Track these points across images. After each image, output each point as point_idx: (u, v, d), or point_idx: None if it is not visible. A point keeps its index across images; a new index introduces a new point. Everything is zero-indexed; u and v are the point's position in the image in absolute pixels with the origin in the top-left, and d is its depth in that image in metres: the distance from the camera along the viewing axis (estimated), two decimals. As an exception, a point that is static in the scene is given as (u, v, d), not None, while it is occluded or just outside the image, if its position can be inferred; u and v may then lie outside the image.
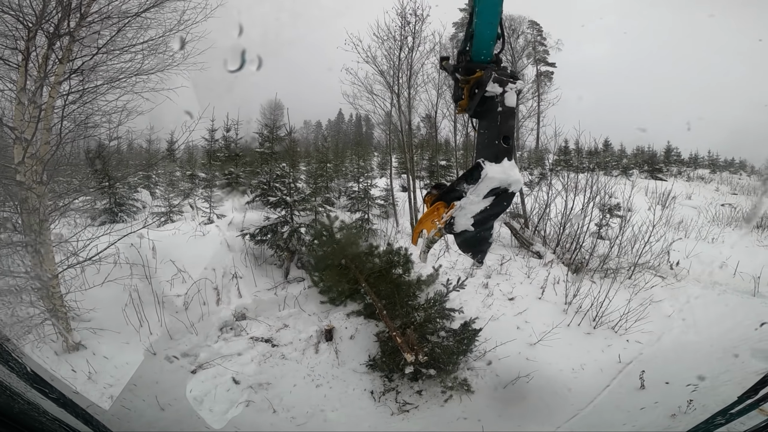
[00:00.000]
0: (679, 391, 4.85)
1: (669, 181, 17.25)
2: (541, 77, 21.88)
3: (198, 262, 6.85)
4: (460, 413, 5.16)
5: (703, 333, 6.16)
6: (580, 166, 13.37)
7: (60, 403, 2.10)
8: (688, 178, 19.82)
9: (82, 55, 5.20)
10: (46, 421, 1.92)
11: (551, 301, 7.24)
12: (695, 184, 18.30)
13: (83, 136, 5.38)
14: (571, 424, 4.85)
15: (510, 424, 4.99)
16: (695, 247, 9.30)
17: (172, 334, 5.93)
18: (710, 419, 2.31)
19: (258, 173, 8.81)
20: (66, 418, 2.06)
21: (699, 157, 21.68)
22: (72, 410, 2.16)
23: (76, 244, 5.42)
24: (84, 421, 2.24)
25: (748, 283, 7.59)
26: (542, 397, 5.28)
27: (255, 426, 4.92)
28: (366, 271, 6.38)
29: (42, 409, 1.93)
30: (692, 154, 21.67)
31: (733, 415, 2.15)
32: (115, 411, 4.41)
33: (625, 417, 4.74)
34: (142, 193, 11.94)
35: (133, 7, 5.33)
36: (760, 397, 2.05)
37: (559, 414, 4.98)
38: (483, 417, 5.06)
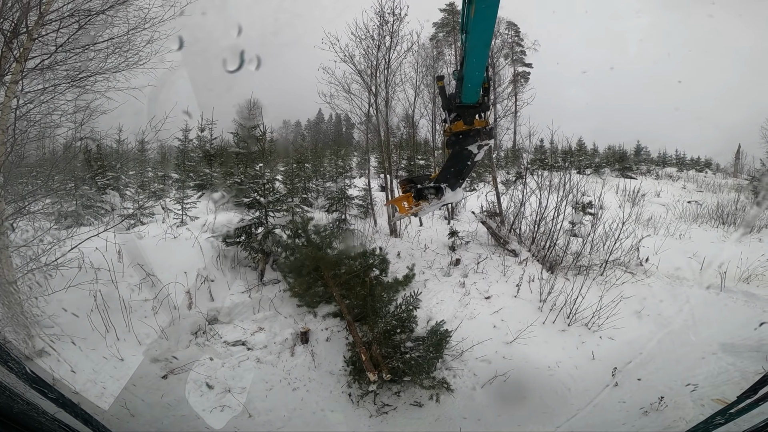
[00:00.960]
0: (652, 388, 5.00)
1: (638, 179, 17.78)
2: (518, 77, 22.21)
3: (168, 266, 6.64)
4: (439, 413, 5.17)
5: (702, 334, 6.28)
6: (554, 165, 13.62)
7: (59, 403, 2.13)
8: (656, 176, 20.47)
9: (42, 53, 4.97)
10: (46, 421, 1.94)
11: (527, 299, 7.33)
12: (663, 182, 18.92)
13: (42, 136, 5.14)
14: (570, 423, 4.93)
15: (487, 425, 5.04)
16: (663, 243, 9.58)
17: (141, 339, 5.73)
18: (709, 419, 2.34)
19: (233, 174, 8.62)
20: (65, 418, 2.09)
21: (667, 156, 22.40)
22: (71, 410, 2.19)
23: (36, 248, 5.18)
24: (83, 421, 2.26)
25: (714, 278, 7.86)
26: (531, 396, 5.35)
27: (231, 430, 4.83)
28: (341, 276, 6.26)
29: (41, 409, 1.97)
30: (660, 153, 22.40)
31: (732, 414, 2.17)
32: (114, 411, 4.42)
33: (625, 416, 4.82)
34: (110, 195, 11.52)
35: (96, 5, 5.13)
36: (760, 397, 2.07)
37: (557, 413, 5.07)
38: (462, 417, 5.09)
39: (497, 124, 12.90)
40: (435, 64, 13.11)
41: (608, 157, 21.49)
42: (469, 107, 4.23)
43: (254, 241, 7.41)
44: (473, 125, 4.24)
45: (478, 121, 4.30)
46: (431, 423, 5.10)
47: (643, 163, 21.97)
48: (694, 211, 13.26)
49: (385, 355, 5.36)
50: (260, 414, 5.09)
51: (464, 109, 4.26)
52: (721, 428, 2.21)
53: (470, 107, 4.24)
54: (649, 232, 10.58)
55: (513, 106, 15.61)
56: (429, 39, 15.17)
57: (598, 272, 8.17)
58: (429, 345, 5.41)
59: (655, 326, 6.63)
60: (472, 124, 4.25)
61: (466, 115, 4.25)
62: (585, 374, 5.81)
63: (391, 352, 5.42)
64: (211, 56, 7.33)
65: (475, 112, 4.31)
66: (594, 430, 4.81)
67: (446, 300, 7.25)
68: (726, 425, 2.19)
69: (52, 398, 2.11)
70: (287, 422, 5.04)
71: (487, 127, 4.32)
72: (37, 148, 6.32)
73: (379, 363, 5.18)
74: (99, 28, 5.11)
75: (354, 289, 6.14)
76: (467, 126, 4.18)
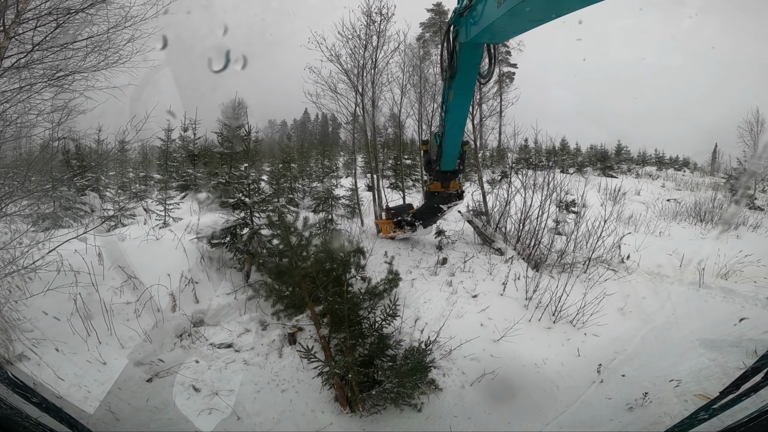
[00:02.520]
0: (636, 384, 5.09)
1: (619, 178, 18.15)
2: (503, 77, 22.47)
3: (150, 268, 6.50)
4: (430, 412, 5.18)
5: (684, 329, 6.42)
6: (538, 164, 13.79)
7: (42, 407, 2.10)
8: (637, 175, 20.94)
9: (18, 52, 4.81)
10: (30, 425, 1.91)
11: (513, 297, 7.41)
12: (643, 181, 19.36)
13: (18, 136, 4.98)
14: (559, 421, 4.97)
15: (476, 423, 5.07)
16: (644, 240, 9.79)
17: (123, 342, 5.61)
18: (694, 414, 2.35)
19: (217, 174, 8.49)
20: (50, 423, 2.06)
21: (647, 155, 22.96)
22: (56, 414, 2.15)
23: (13, 251, 5.03)
24: (68, 426, 2.23)
25: (693, 274, 8.07)
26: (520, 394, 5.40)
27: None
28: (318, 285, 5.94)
29: (24, 413, 1.93)
30: (640, 152, 22.95)
31: (716, 410, 2.19)
32: (100, 415, 4.34)
33: (612, 413, 4.88)
34: (89, 196, 11.24)
35: (75, 3, 4.98)
36: (742, 392, 2.10)
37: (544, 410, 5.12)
38: (452, 416, 5.11)
39: (483, 124, 13.00)
40: (422, 64, 13.14)
41: (590, 157, 21.91)
42: (447, 173, 5.87)
43: (239, 242, 7.31)
44: (448, 188, 5.99)
45: (453, 183, 6.06)
46: (421, 422, 5.10)
47: (624, 162, 22.48)
48: (673, 209, 13.59)
49: (362, 382, 5.16)
50: (249, 416, 5.03)
51: (442, 174, 5.85)
52: (705, 423, 2.24)
53: (447, 173, 5.90)
54: (630, 229, 10.81)
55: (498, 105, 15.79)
56: (416, 39, 15.23)
57: (582, 270, 8.31)
58: (406, 371, 5.07)
59: (639, 323, 6.77)
60: (448, 187, 6.02)
61: (443, 179, 5.90)
62: (571, 371, 5.88)
63: (368, 380, 5.23)
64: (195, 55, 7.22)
65: (452, 177, 5.97)
66: (584, 429, 4.87)
67: (433, 299, 7.28)
68: (710, 420, 2.22)
69: (35, 402, 2.08)
70: (277, 424, 4.98)
71: (458, 190, 6.18)
72: (14, 148, 6.15)
73: (355, 393, 5.06)
74: (78, 26, 4.97)
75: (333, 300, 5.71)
76: (443, 189, 5.96)
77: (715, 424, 2.13)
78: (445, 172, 5.19)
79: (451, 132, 4.43)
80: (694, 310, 6.94)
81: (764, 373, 2.06)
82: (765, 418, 1.74)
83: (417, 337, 6.02)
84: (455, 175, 5.35)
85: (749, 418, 1.80)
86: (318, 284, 5.90)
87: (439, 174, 5.18)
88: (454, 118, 4.33)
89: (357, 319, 5.62)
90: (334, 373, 5.10)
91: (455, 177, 5.43)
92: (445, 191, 5.32)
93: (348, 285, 5.74)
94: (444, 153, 4.76)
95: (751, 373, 2.16)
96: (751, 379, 2.13)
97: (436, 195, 5.35)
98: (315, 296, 5.93)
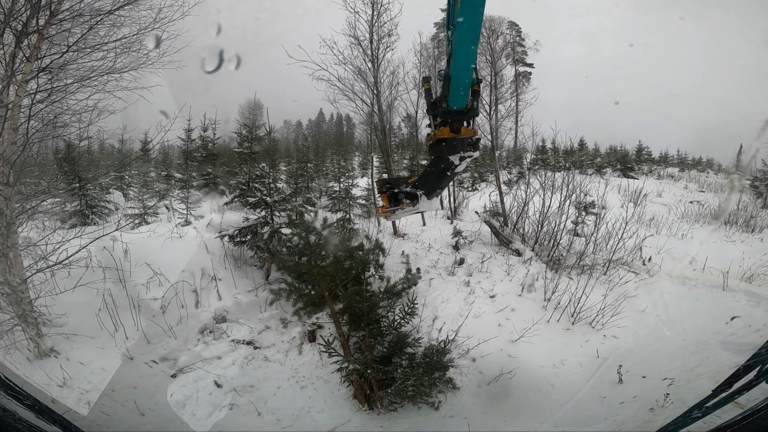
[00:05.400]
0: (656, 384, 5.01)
1: (640, 179, 17.81)
2: (520, 77, 22.27)
3: (175, 265, 6.66)
4: (446, 411, 5.19)
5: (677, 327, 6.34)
6: (556, 165, 13.65)
7: (35, 410, 2.09)
8: (658, 177, 20.52)
9: (52, 53, 4.99)
10: (23, 428, 1.90)
11: (531, 298, 7.37)
12: (665, 182, 18.97)
13: (51, 135, 5.16)
14: (555, 420, 4.94)
15: (496, 421, 5.06)
16: (666, 243, 9.62)
17: (150, 338, 5.76)
18: (687, 413, 2.36)
19: (236, 173, 8.65)
20: (43, 425, 2.04)
21: (669, 156, 22.51)
22: (49, 417, 2.14)
23: (45, 248, 5.21)
24: (62, 428, 2.22)
25: (717, 277, 7.89)
26: (526, 394, 5.37)
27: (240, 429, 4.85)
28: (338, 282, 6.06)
29: (18, 416, 1.91)
30: (662, 153, 22.50)
31: (708, 408, 2.19)
32: (93, 417, 4.30)
33: (606, 412, 4.85)
34: (114, 195, 11.56)
35: (106, 5, 5.15)
36: (735, 391, 2.09)
37: (543, 410, 5.08)
38: (470, 414, 5.11)
39: (501, 124, 12.92)
40: (437, 64, 13.15)
41: (610, 157, 21.57)
42: (457, 113, 3.73)
43: (260, 240, 7.43)
44: (459, 133, 3.76)
45: (466, 130, 3.81)
46: (438, 420, 5.12)
47: (645, 163, 22.05)
48: (696, 211, 13.30)
49: (380, 380, 5.22)
50: (269, 412, 5.12)
51: (451, 114, 3.75)
52: (699, 421, 2.24)
53: (458, 113, 3.73)
54: (651, 231, 10.62)
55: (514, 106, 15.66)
56: (430, 39, 15.22)
57: (602, 271, 8.21)
58: (424, 369, 5.17)
59: (660, 325, 6.65)
60: (458, 132, 3.77)
61: (453, 121, 3.75)
62: (589, 372, 5.83)
63: (386, 378, 5.26)
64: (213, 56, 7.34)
65: (463, 118, 3.78)
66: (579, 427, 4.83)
67: (451, 299, 7.29)
68: (703, 418, 2.22)
69: (27, 404, 2.09)
70: (296, 420, 5.06)
71: (473, 138, 3.84)
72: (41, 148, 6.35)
73: (374, 390, 5.13)
74: (108, 28, 5.13)
75: (351, 299, 5.76)
76: (453, 134, 3.72)
77: (708, 422, 2.12)
78: (454, 112, 3.67)
79: (460, 48, 3.16)
80: (717, 313, 6.79)
81: (756, 371, 2.05)
82: (757, 416, 1.73)
83: (435, 336, 6.05)
84: (469, 115, 3.74)
85: (742, 416, 1.79)
86: (338, 282, 5.97)
87: (448, 114, 3.68)
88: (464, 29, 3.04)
89: (376, 318, 5.67)
90: (353, 369, 5.15)
91: (469, 118, 3.75)
92: (455, 137, 3.74)
93: (367, 284, 5.81)
94: (453, 82, 3.37)
95: (743, 372, 2.15)
96: (743, 378, 2.12)
97: (443, 144, 3.75)
98: (334, 294, 6.00)
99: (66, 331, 5.28)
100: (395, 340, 5.53)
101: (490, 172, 18.54)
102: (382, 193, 3.96)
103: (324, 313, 6.33)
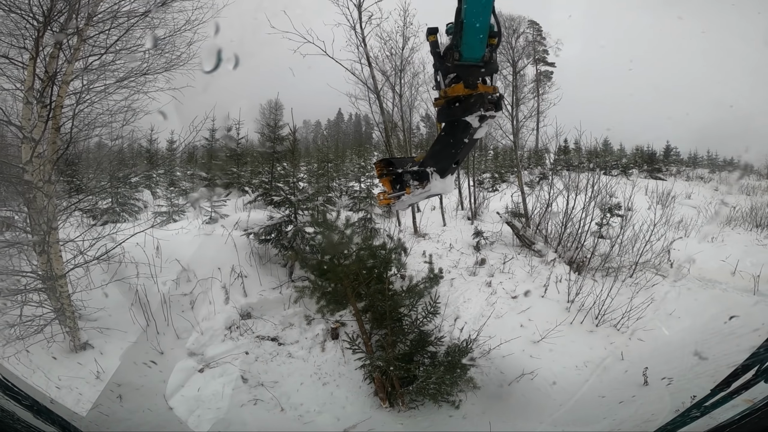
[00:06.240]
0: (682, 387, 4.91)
1: (668, 181, 17.35)
2: (541, 77, 21.95)
3: (203, 262, 6.85)
4: (466, 410, 5.20)
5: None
6: (580, 166, 13.43)
7: (34, 410, 2.07)
8: (687, 178, 19.94)
9: (91, 54, 5.21)
10: (21, 428, 1.88)
11: (554, 300, 7.31)
12: (694, 184, 18.42)
13: (91, 135, 5.39)
14: (554, 419, 4.91)
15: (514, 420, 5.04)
16: (695, 246, 9.37)
17: (179, 333, 5.94)
18: (686, 412, 2.34)
19: (260, 173, 8.81)
20: (42, 426, 2.03)
21: (698, 157, 21.83)
22: (47, 417, 2.13)
23: (82, 244, 5.43)
24: (60, 428, 2.23)
25: (747, 281, 7.65)
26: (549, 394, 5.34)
27: (263, 424, 4.96)
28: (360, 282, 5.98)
29: (16, 416, 1.91)
30: (691, 154, 21.86)
31: (707, 407, 2.17)
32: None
33: (605, 411, 4.80)
34: (143, 193, 11.94)
35: (140, 7, 5.35)
36: (733, 390, 2.07)
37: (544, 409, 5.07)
38: (490, 413, 5.10)
39: (523, 125, 12.78)
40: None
41: (636, 158, 21.06)
42: (472, 66, 2.74)
43: (284, 238, 7.57)
44: (476, 89, 2.75)
45: (483, 87, 2.79)
46: (458, 419, 5.13)
47: (673, 164, 21.45)
48: (727, 214, 12.89)
49: (402, 378, 5.28)
50: (292, 407, 5.22)
51: (465, 68, 2.74)
52: (698, 421, 2.21)
53: (473, 66, 2.74)
54: (680, 234, 10.35)
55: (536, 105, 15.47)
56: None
57: (628, 274, 8.05)
58: (446, 368, 5.15)
59: (688, 328, 6.50)
60: (475, 88, 2.75)
61: (467, 75, 2.75)
62: (611, 374, 5.76)
63: (407, 376, 5.32)
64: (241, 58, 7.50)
65: (479, 74, 2.80)
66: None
67: (473, 299, 7.29)
68: (702, 418, 2.19)
69: (26, 405, 2.07)
70: (317, 416, 5.14)
71: (494, 95, 2.78)
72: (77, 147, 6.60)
73: (395, 388, 5.19)
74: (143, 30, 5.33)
75: (373, 298, 5.82)
76: (469, 90, 2.72)
77: (707, 421, 2.09)
78: (469, 66, 2.73)
79: None
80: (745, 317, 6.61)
81: (755, 370, 2.02)
82: (756, 415, 1.71)
83: (456, 336, 6.05)
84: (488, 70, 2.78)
85: (741, 415, 1.77)
86: (360, 281, 6.04)
87: (461, 69, 2.74)
88: None
89: (398, 316, 5.71)
90: (375, 366, 5.21)
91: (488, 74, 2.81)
92: (472, 93, 2.78)
93: (389, 282, 5.85)
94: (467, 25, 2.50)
95: (742, 371, 2.11)
96: (741, 377, 2.08)
97: (456, 105, 2.79)
98: (357, 293, 6.07)
99: (100, 326, 5.49)
100: (417, 339, 5.56)
101: (510, 173, 18.37)
102: (382, 176, 3.06)
103: (347, 311, 6.40)
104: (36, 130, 4.62)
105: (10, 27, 4.80)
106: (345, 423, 5.06)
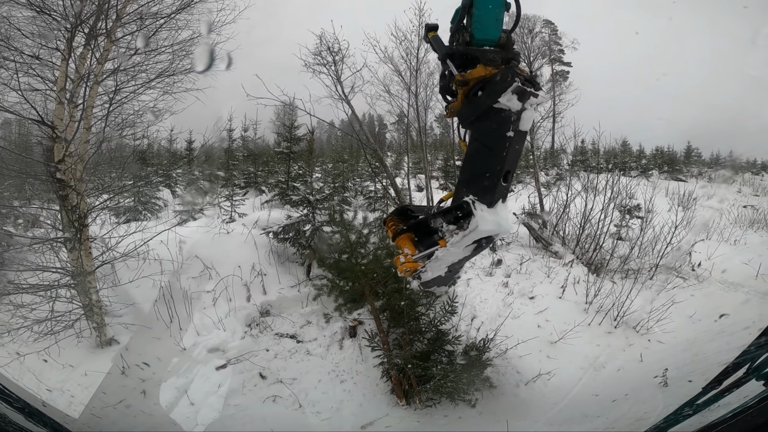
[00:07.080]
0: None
1: (690, 182, 17.01)
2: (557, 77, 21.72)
3: (223, 260, 6.99)
4: (483, 408, 5.20)
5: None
6: (598, 167, 13.26)
7: (25, 412, 2.08)
8: (709, 179, 19.51)
9: (120, 55, 5.35)
10: (13, 431, 1.88)
11: (571, 301, 7.25)
12: (716, 185, 18.00)
13: (121, 135, 5.55)
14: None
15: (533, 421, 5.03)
16: (717, 248, 9.19)
17: (199, 330, 6.07)
18: (678, 410, 2.34)
19: (276, 172, 8.94)
20: (33, 428, 2.04)
21: (720, 158, 21.32)
22: (39, 419, 2.12)
23: (109, 241, 5.59)
24: (52, 430, 2.26)
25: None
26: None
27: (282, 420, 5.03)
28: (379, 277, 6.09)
29: (8, 419, 1.91)
30: (713, 155, 21.35)
31: (699, 405, 2.18)
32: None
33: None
34: (163, 192, 12.19)
35: (165, 8, 5.48)
36: (724, 388, 2.07)
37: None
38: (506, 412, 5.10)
39: (540, 125, 12.67)
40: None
41: (656, 159, 20.67)
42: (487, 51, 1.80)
43: (302, 237, 7.67)
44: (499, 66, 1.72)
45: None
46: (474, 418, 5.14)
47: (694, 165, 21.00)
48: (750, 217, 12.59)
49: (419, 376, 5.28)
50: (310, 404, 5.28)
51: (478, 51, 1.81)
52: (690, 419, 2.21)
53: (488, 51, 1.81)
54: (701, 236, 10.15)
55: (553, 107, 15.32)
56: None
57: (648, 276, 7.95)
58: (464, 367, 5.18)
59: (709, 330, 6.39)
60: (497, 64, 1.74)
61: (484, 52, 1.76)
62: (629, 375, 5.69)
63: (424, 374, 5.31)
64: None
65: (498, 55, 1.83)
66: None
67: (489, 299, 7.27)
68: (694, 416, 2.19)
69: (17, 407, 2.08)
70: (335, 413, 5.20)
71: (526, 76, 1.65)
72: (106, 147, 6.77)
73: (413, 386, 5.20)
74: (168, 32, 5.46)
75: (390, 297, 5.91)
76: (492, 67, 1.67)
77: (699, 419, 2.09)
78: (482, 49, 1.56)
79: None
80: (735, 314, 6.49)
81: (746, 368, 2.01)
82: (748, 413, 1.70)
83: (473, 335, 6.06)
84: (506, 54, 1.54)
85: (732, 413, 1.76)
86: (378, 280, 6.10)
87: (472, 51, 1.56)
88: None
89: (415, 315, 5.74)
90: (393, 363, 5.26)
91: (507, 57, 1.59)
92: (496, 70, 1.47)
93: (406, 281, 5.89)
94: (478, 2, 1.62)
95: (733, 369, 2.11)
96: (733, 375, 2.08)
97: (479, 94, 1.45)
98: (374, 291, 6.13)
99: (125, 322, 5.63)
100: (435, 338, 5.59)
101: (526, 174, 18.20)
102: (398, 236, 1.80)
103: (364, 309, 6.47)
104: (68, 129, 4.77)
105: (41, 28, 4.96)
106: (362, 420, 5.10)
